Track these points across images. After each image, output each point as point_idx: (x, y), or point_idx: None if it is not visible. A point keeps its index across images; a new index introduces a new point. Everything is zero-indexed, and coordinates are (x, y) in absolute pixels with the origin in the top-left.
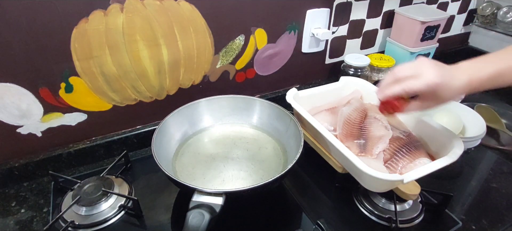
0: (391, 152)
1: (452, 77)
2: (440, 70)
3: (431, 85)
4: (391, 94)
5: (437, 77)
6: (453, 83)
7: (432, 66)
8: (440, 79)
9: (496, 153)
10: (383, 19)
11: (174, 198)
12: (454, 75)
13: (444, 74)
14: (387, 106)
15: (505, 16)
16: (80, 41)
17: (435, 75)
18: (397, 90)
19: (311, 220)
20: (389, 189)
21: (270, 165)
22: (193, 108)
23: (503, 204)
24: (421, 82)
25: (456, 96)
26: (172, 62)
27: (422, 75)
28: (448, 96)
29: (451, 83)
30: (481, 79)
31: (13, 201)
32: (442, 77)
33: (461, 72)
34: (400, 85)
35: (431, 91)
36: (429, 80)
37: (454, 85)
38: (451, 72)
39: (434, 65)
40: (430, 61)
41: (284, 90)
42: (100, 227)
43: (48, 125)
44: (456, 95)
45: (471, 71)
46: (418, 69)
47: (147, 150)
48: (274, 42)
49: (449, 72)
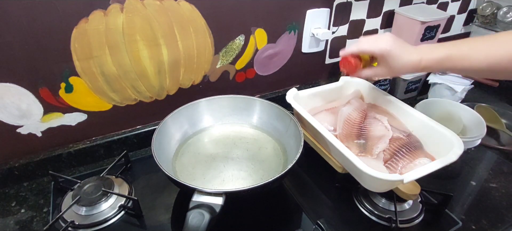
0: (391, 152)
1: (404, 51)
2: (395, 42)
3: (382, 50)
4: (349, 52)
5: (388, 45)
6: (403, 56)
7: (389, 38)
8: (390, 47)
9: (496, 153)
10: (383, 19)
11: (174, 198)
12: (407, 50)
13: (396, 46)
14: (345, 63)
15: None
16: (80, 41)
17: (387, 44)
18: (353, 49)
19: (311, 220)
20: (389, 189)
21: (270, 165)
22: (193, 108)
23: (503, 204)
24: (373, 46)
25: (406, 70)
26: (172, 62)
27: (377, 42)
28: (397, 67)
29: (401, 56)
30: (431, 60)
31: (13, 201)
32: (393, 47)
33: (415, 51)
34: (357, 45)
35: (382, 57)
36: (381, 45)
37: (404, 59)
38: (406, 48)
39: (391, 38)
40: (391, 35)
41: (284, 90)
42: (100, 227)
43: (48, 125)
44: (405, 68)
45: (424, 51)
46: (377, 38)
47: (147, 150)
48: (274, 42)
49: (403, 47)
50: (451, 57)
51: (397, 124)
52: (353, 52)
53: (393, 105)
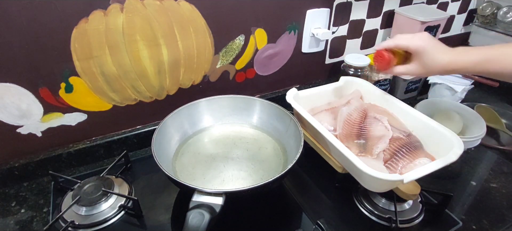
0: (391, 152)
1: (439, 49)
2: (431, 40)
3: (417, 46)
4: (384, 46)
5: (424, 42)
6: (437, 55)
7: (426, 36)
8: (426, 44)
9: (496, 153)
10: (383, 19)
11: (174, 198)
12: (442, 49)
13: (432, 44)
14: (378, 58)
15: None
16: (80, 41)
17: (424, 41)
18: (388, 43)
19: (311, 220)
20: (389, 189)
21: (270, 165)
22: (193, 108)
23: (504, 204)
24: (409, 41)
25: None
26: (172, 62)
27: (413, 38)
28: (430, 64)
29: (435, 54)
30: (466, 61)
31: (13, 201)
32: (428, 44)
33: (450, 51)
34: (393, 40)
35: (416, 54)
36: (417, 42)
37: (438, 57)
38: (441, 47)
39: (428, 36)
40: (427, 34)
41: (284, 90)
42: (100, 227)
43: (48, 125)
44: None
45: (458, 52)
46: (414, 35)
47: (147, 150)
48: (274, 42)
49: (438, 46)
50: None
51: (397, 124)
52: (389, 47)
53: (393, 105)
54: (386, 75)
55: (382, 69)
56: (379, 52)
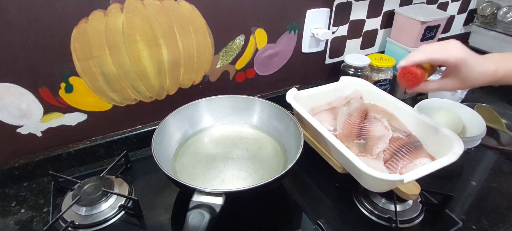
0: (391, 152)
1: (478, 59)
2: (467, 50)
3: (457, 58)
4: (415, 61)
5: (463, 52)
6: (479, 66)
7: (460, 45)
8: (466, 55)
9: (496, 153)
10: (383, 19)
11: (174, 198)
12: (481, 58)
13: (470, 53)
14: (407, 75)
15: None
16: (80, 41)
17: (461, 51)
18: (421, 58)
19: (311, 220)
20: (389, 189)
21: (270, 165)
22: (193, 108)
23: (504, 204)
24: (446, 54)
25: (480, 81)
26: (172, 62)
27: (448, 49)
28: (471, 77)
29: (476, 64)
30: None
31: (13, 201)
32: (468, 55)
33: (489, 59)
34: (425, 53)
35: (455, 67)
36: (455, 53)
37: (479, 68)
38: (479, 56)
39: (462, 45)
40: (460, 42)
41: (284, 90)
42: (100, 227)
43: (48, 125)
44: (480, 79)
45: (497, 60)
46: (446, 44)
47: (147, 150)
48: (274, 42)
49: (477, 55)
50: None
51: (397, 124)
52: (419, 61)
53: (393, 105)
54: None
55: (412, 88)
56: (408, 69)
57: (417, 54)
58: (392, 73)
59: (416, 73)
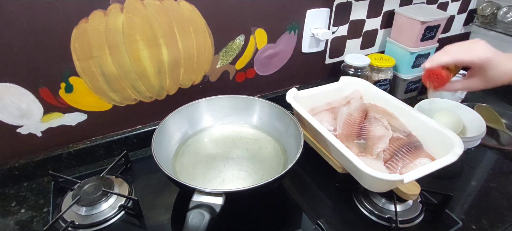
0: (391, 152)
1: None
2: (492, 48)
3: (482, 59)
4: (440, 62)
5: (488, 52)
6: (504, 64)
7: (484, 44)
8: (492, 55)
9: (496, 153)
10: (383, 19)
11: (174, 198)
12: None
13: (496, 52)
14: (432, 76)
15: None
16: (80, 41)
17: (487, 50)
18: (446, 59)
19: (311, 220)
20: (389, 189)
21: (270, 165)
22: (193, 108)
23: (503, 204)
24: (471, 55)
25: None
26: (172, 62)
27: (473, 50)
28: (496, 76)
29: (502, 63)
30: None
31: (13, 201)
32: (493, 54)
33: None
34: (450, 54)
35: (480, 67)
36: (480, 54)
37: (505, 67)
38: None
39: (486, 44)
40: (485, 42)
41: (284, 90)
42: (100, 227)
43: (48, 125)
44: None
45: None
46: (470, 44)
47: (147, 150)
48: (274, 42)
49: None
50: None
51: (397, 124)
52: (445, 63)
53: (393, 105)
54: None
55: (437, 88)
56: (434, 71)
57: (442, 56)
58: (392, 73)
59: (441, 75)
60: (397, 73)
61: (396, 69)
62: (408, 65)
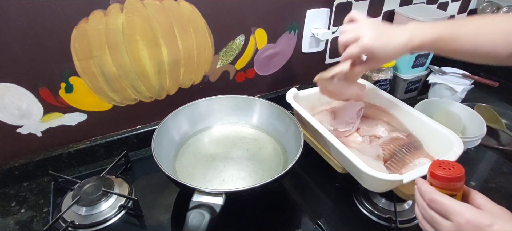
0: (391, 152)
1: (390, 37)
2: (376, 32)
3: (366, 48)
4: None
5: (371, 40)
6: (391, 43)
7: (369, 28)
8: (373, 42)
9: (496, 153)
10: (383, 19)
11: (174, 198)
12: (393, 35)
13: (379, 37)
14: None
15: None
16: (80, 41)
17: (370, 38)
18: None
19: (311, 220)
20: (389, 189)
21: (270, 165)
22: (193, 108)
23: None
24: (358, 47)
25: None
26: (172, 62)
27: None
28: (386, 55)
29: (388, 44)
30: (423, 39)
31: (13, 201)
32: (376, 40)
33: (403, 31)
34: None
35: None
36: (364, 44)
37: (392, 45)
38: (391, 32)
39: (371, 28)
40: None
41: (284, 90)
42: (100, 227)
43: (48, 125)
44: (395, 53)
45: (413, 29)
46: (358, 32)
47: (147, 150)
48: (274, 42)
49: (387, 32)
50: (441, 38)
51: (397, 124)
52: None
53: (393, 105)
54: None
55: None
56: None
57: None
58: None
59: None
60: (397, 73)
61: (396, 69)
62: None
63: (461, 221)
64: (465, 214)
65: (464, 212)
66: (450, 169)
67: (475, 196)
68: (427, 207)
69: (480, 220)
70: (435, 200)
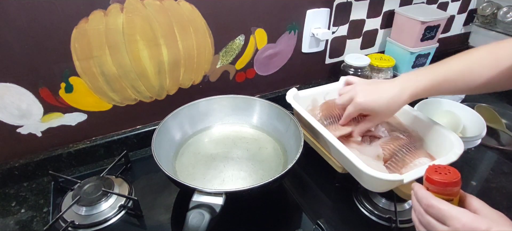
0: (391, 152)
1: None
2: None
3: (360, 106)
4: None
5: (362, 98)
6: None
7: (362, 88)
8: (364, 99)
9: (496, 153)
10: (383, 19)
11: (174, 198)
12: (384, 89)
13: (370, 93)
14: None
15: (505, 16)
16: (80, 41)
17: (361, 96)
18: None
19: (311, 220)
20: (389, 189)
21: (270, 165)
22: (193, 108)
23: (504, 204)
24: (352, 106)
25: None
26: (172, 62)
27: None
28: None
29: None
30: (415, 89)
31: (13, 201)
32: (367, 97)
33: (393, 85)
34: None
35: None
36: (357, 102)
37: (383, 99)
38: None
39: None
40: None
41: (284, 90)
42: (100, 227)
43: (48, 125)
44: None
45: (404, 82)
46: (352, 92)
47: (147, 150)
48: (274, 42)
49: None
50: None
51: (397, 124)
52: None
53: None
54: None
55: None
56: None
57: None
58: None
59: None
60: (397, 73)
61: (396, 69)
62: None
63: (457, 225)
64: (461, 219)
65: (460, 217)
66: (446, 174)
67: (471, 201)
68: (423, 212)
69: (476, 224)
70: (432, 205)
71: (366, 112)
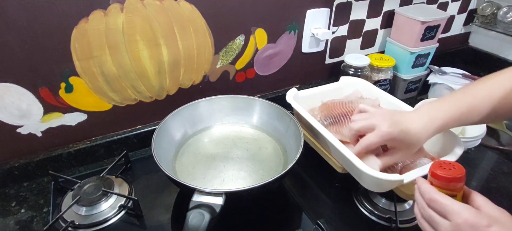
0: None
1: (408, 123)
2: (392, 120)
3: (388, 135)
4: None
5: (389, 128)
6: (412, 129)
7: (384, 117)
8: (393, 129)
9: (496, 153)
10: (383, 19)
11: (174, 198)
12: (411, 120)
13: (396, 124)
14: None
15: (505, 16)
16: (80, 41)
17: (388, 126)
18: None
19: (311, 220)
20: (389, 189)
21: (270, 165)
22: (193, 108)
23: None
24: (377, 136)
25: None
26: (172, 62)
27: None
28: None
29: (409, 130)
30: (445, 119)
31: (13, 201)
32: (395, 127)
33: (419, 115)
34: (361, 144)
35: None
36: (384, 131)
37: (414, 129)
38: (406, 118)
39: (386, 117)
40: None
41: (284, 90)
42: (100, 227)
43: (48, 125)
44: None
45: (430, 112)
46: (372, 120)
47: (147, 150)
48: (274, 42)
49: (403, 119)
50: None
51: None
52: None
53: (393, 105)
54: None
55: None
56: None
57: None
58: (392, 73)
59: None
60: (397, 73)
61: (396, 69)
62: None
63: (459, 221)
64: (463, 214)
65: (462, 212)
66: (451, 169)
67: (475, 197)
68: (426, 206)
69: (478, 220)
70: (435, 199)
71: (393, 144)
